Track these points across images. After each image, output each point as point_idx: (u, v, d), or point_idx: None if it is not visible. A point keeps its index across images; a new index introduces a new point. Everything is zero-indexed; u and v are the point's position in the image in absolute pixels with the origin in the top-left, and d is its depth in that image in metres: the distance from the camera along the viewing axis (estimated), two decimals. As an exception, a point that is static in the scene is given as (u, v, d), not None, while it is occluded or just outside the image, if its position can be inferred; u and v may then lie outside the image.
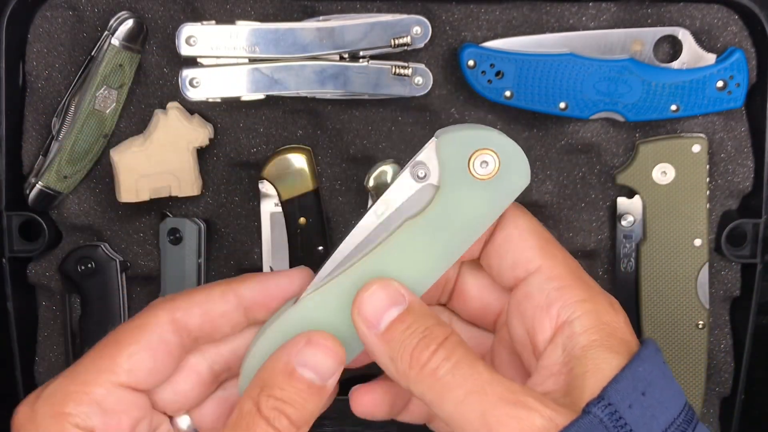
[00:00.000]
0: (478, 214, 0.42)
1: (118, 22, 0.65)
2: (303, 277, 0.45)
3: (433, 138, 0.42)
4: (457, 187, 0.41)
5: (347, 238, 0.43)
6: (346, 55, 0.65)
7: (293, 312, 0.42)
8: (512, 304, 0.43)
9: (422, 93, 0.66)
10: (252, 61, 0.65)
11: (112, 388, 0.41)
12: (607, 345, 0.39)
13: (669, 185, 0.68)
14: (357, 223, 0.43)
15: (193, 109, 0.68)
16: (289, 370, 0.40)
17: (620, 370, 0.37)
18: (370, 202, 0.69)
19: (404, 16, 0.65)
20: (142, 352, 0.41)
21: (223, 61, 0.65)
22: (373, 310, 0.40)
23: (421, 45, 0.65)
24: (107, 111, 0.66)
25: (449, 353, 0.38)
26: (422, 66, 0.66)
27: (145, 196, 0.66)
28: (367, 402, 0.47)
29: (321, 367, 0.41)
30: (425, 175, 0.42)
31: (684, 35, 0.66)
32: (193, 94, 0.65)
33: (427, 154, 0.42)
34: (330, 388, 0.41)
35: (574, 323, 0.39)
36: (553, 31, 0.67)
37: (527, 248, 0.42)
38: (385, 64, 0.65)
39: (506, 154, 0.42)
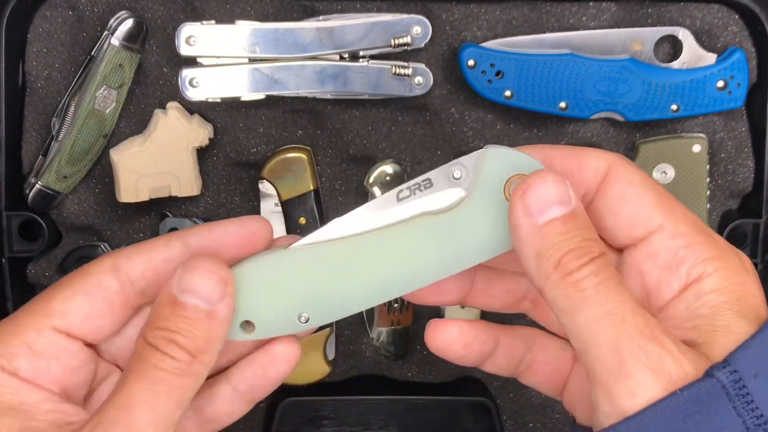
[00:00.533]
0: (497, 237, 0.40)
1: (117, 21, 0.65)
2: (259, 226, 0.42)
3: (482, 148, 0.40)
4: (486, 202, 0.40)
5: (361, 208, 0.41)
6: (346, 55, 0.65)
7: (276, 256, 0.40)
8: (627, 261, 0.41)
9: (422, 93, 0.66)
10: (252, 61, 0.65)
11: (45, 331, 0.39)
12: (737, 309, 0.37)
13: (669, 185, 0.68)
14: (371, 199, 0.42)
15: (193, 109, 0.68)
16: (171, 300, 0.38)
17: (749, 337, 0.36)
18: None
19: (404, 16, 0.65)
20: (78, 295, 0.40)
21: (223, 61, 0.65)
22: (538, 199, 0.37)
23: (421, 45, 0.65)
24: (107, 111, 0.66)
25: (599, 269, 0.36)
26: (422, 66, 0.66)
27: (144, 196, 0.66)
28: (442, 336, 0.44)
29: (203, 290, 0.38)
30: (460, 177, 0.40)
31: (684, 35, 0.66)
32: (193, 94, 0.65)
33: (471, 159, 0.40)
34: (222, 312, 0.38)
35: (704, 282, 0.38)
36: (553, 30, 0.67)
37: (645, 205, 0.39)
38: (385, 64, 0.65)
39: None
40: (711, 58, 0.66)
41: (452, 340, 0.44)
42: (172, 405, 0.37)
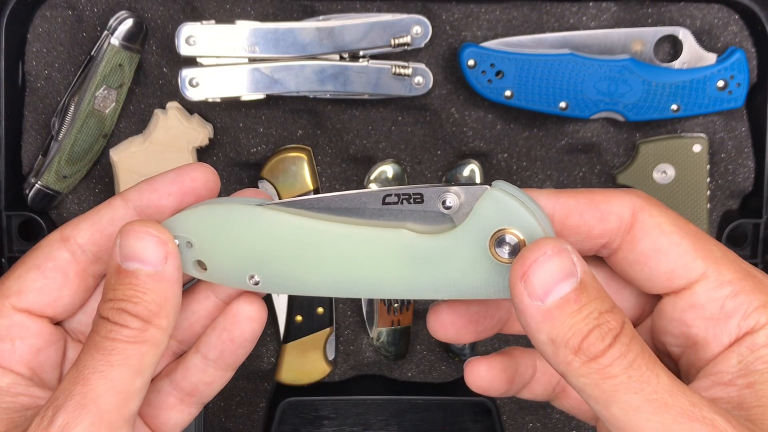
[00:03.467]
0: (472, 282, 0.37)
1: (117, 21, 0.65)
2: (200, 172, 0.40)
3: (488, 185, 0.36)
4: (470, 242, 0.36)
5: (336, 195, 0.38)
6: (346, 55, 0.65)
7: (238, 208, 0.39)
8: (667, 309, 0.38)
9: (422, 93, 0.66)
10: (252, 60, 0.65)
11: (4, 311, 0.39)
12: None
13: (669, 185, 0.68)
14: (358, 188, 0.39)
15: (193, 108, 0.68)
16: (116, 269, 0.37)
17: None
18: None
19: (404, 16, 0.65)
20: (30, 271, 0.39)
21: (223, 60, 0.65)
22: (541, 281, 0.33)
23: (421, 45, 0.65)
24: (107, 111, 0.66)
25: (626, 349, 0.33)
26: (422, 66, 0.66)
27: (144, 196, 0.66)
28: (484, 376, 0.41)
29: (143, 254, 0.37)
30: (451, 207, 0.37)
31: (684, 35, 0.66)
32: (193, 94, 0.65)
33: (469, 192, 0.37)
34: (168, 273, 0.37)
35: (758, 334, 0.35)
36: (553, 30, 0.67)
37: (683, 254, 0.36)
38: (385, 64, 0.65)
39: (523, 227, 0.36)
40: (711, 58, 0.66)
41: (495, 378, 0.41)
42: (129, 373, 0.36)
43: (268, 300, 0.70)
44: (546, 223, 0.36)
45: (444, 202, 0.37)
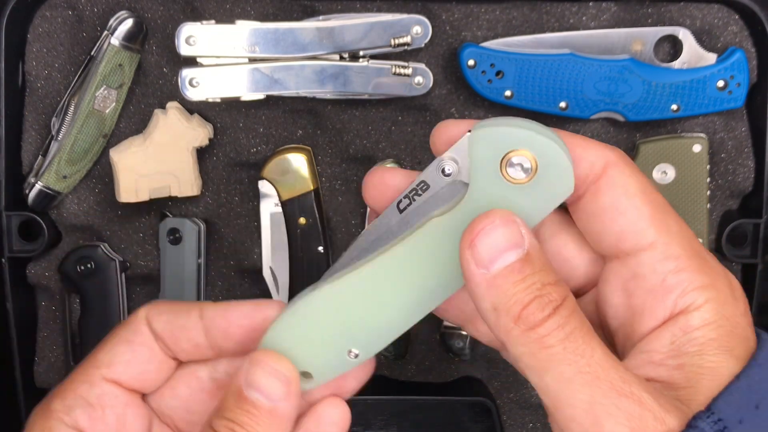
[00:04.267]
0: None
1: (117, 21, 0.65)
2: (272, 309, 0.42)
3: (467, 132, 0.37)
4: (487, 189, 0.36)
5: (364, 233, 0.39)
6: (346, 55, 0.65)
7: (305, 301, 0.39)
8: (612, 275, 0.38)
9: (422, 93, 0.66)
10: (252, 61, 0.65)
11: (96, 381, 0.41)
12: (726, 346, 0.35)
13: (669, 185, 0.68)
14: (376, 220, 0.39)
15: (193, 109, 0.68)
16: (238, 392, 0.39)
17: (733, 379, 0.34)
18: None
19: (404, 16, 0.65)
20: (120, 344, 0.41)
21: (223, 60, 0.65)
22: (488, 247, 0.34)
23: (421, 45, 0.65)
24: (107, 111, 0.66)
25: (564, 321, 0.33)
26: (422, 66, 0.66)
27: (144, 196, 0.66)
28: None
29: (266, 387, 0.39)
30: (452, 172, 0.37)
31: (684, 35, 0.66)
32: (193, 94, 0.65)
33: (459, 148, 0.37)
34: (284, 410, 0.39)
35: (693, 315, 0.35)
36: (553, 30, 0.67)
37: (638, 219, 0.36)
38: (385, 64, 0.65)
39: (546, 156, 0.36)
40: (711, 58, 0.66)
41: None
42: None
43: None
44: (545, 130, 0.36)
45: (443, 171, 0.37)
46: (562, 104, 0.66)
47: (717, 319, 0.35)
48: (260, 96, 0.65)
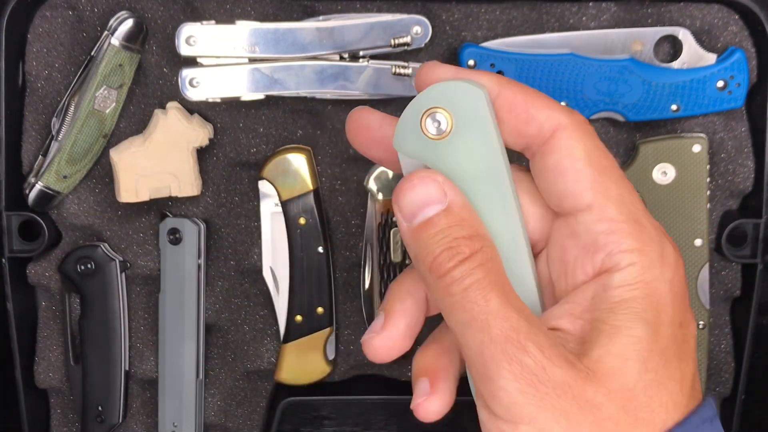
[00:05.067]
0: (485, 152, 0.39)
1: (117, 21, 0.65)
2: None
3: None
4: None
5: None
6: (346, 55, 0.65)
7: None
8: (555, 232, 0.40)
9: (422, 93, 0.66)
10: (252, 61, 0.65)
11: None
12: (638, 309, 0.37)
13: (669, 185, 0.68)
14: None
15: (193, 109, 0.68)
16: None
17: None
18: (369, 202, 0.69)
19: (404, 16, 0.65)
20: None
21: (223, 61, 0.65)
22: (410, 202, 0.38)
23: (421, 45, 0.65)
24: (107, 111, 0.66)
25: (467, 272, 0.36)
26: (422, 66, 0.66)
27: (144, 196, 0.66)
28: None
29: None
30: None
31: (684, 35, 0.66)
32: (193, 94, 0.65)
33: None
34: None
35: (614, 275, 0.37)
36: (553, 31, 0.67)
37: (578, 181, 0.38)
38: (385, 64, 0.65)
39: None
40: (711, 58, 0.66)
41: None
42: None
43: (267, 299, 0.70)
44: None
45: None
46: (562, 104, 0.66)
47: (635, 282, 0.37)
48: (260, 96, 0.65)
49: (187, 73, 0.64)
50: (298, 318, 0.69)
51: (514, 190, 0.39)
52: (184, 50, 0.64)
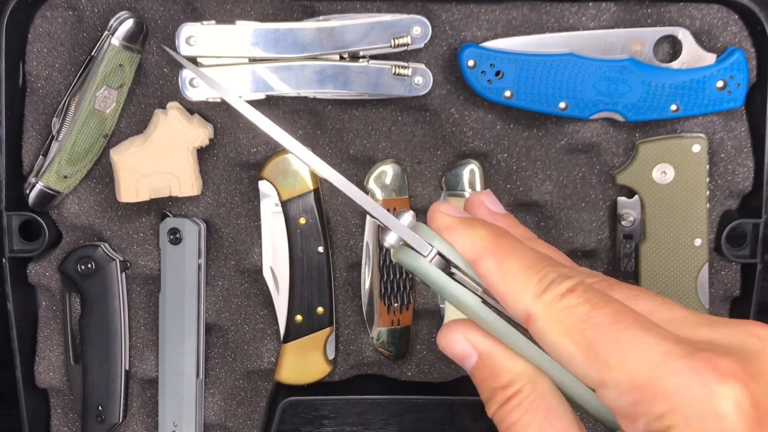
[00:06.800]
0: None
1: (118, 22, 0.65)
2: None
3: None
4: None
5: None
6: (346, 55, 0.65)
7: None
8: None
9: (422, 93, 0.66)
10: (252, 61, 0.65)
11: None
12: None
13: (669, 185, 0.68)
14: None
15: (193, 109, 0.68)
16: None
17: None
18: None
19: (404, 16, 0.65)
20: None
21: (223, 61, 0.65)
22: (452, 355, 0.40)
23: (421, 45, 0.65)
24: (107, 111, 0.66)
25: (507, 414, 0.38)
26: (422, 66, 0.66)
27: (145, 196, 0.66)
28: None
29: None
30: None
31: (684, 35, 0.66)
32: (193, 94, 0.65)
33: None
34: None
35: None
36: (553, 31, 0.67)
37: (578, 365, 0.38)
38: (385, 64, 0.65)
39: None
40: (711, 58, 0.66)
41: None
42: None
43: (267, 299, 0.70)
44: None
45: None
46: (562, 104, 0.66)
47: None
48: (260, 96, 0.65)
49: (187, 73, 0.64)
50: (298, 318, 0.69)
51: None
52: (184, 50, 0.64)
